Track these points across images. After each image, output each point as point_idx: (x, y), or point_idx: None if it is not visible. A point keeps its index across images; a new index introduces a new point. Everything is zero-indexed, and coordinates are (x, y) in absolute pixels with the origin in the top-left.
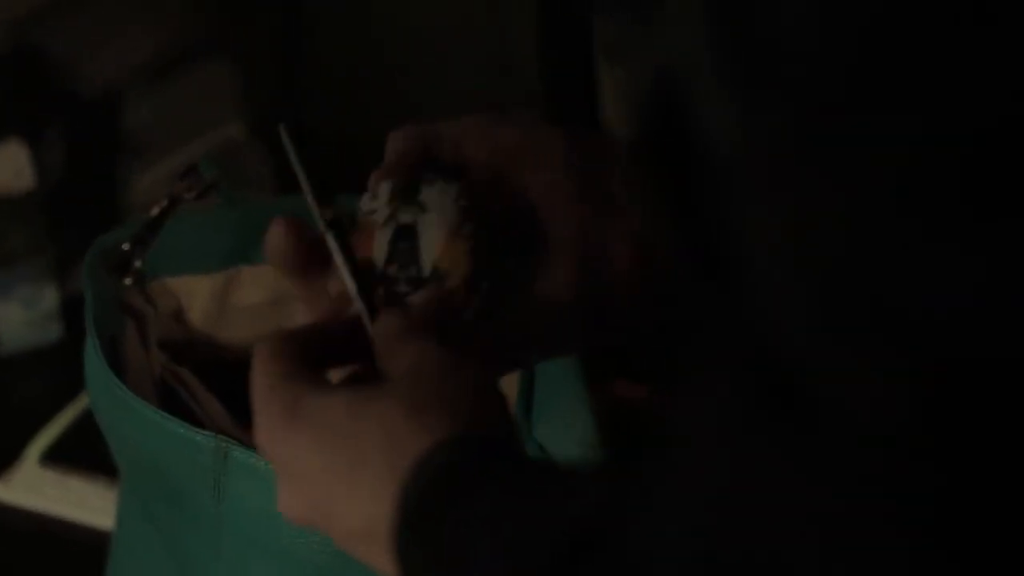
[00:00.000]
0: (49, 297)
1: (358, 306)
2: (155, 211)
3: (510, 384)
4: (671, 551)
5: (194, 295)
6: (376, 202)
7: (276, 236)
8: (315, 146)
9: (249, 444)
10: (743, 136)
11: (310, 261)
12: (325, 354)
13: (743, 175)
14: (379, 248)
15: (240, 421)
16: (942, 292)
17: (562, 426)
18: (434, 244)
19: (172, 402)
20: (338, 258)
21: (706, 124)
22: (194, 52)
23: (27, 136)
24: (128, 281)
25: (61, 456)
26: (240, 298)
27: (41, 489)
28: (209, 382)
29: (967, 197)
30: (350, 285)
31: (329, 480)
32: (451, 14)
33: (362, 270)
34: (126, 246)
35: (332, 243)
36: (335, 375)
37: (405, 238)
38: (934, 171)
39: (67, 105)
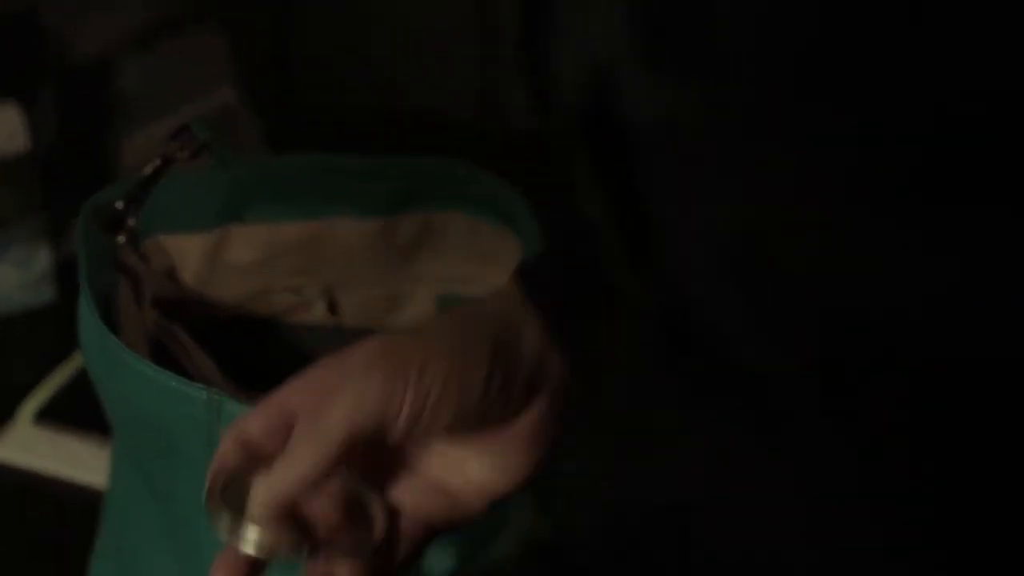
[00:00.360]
0: (43, 259)
1: None
2: (148, 170)
3: None
4: None
5: (187, 253)
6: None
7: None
8: (302, 112)
9: (239, 399)
10: (670, 121)
11: None
12: None
13: (669, 157)
14: None
15: (230, 377)
16: (888, 279)
17: None
18: None
19: (164, 359)
20: None
21: (630, 111)
22: (185, 17)
23: (20, 99)
24: (122, 239)
25: (54, 415)
26: (232, 256)
27: (35, 447)
28: (200, 339)
29: (914, 184)
30: None
31: None
32: None
33: None
34: (119, 204)
35: None
36: None
37: None
38: (879, 158)
39: (60, 68)
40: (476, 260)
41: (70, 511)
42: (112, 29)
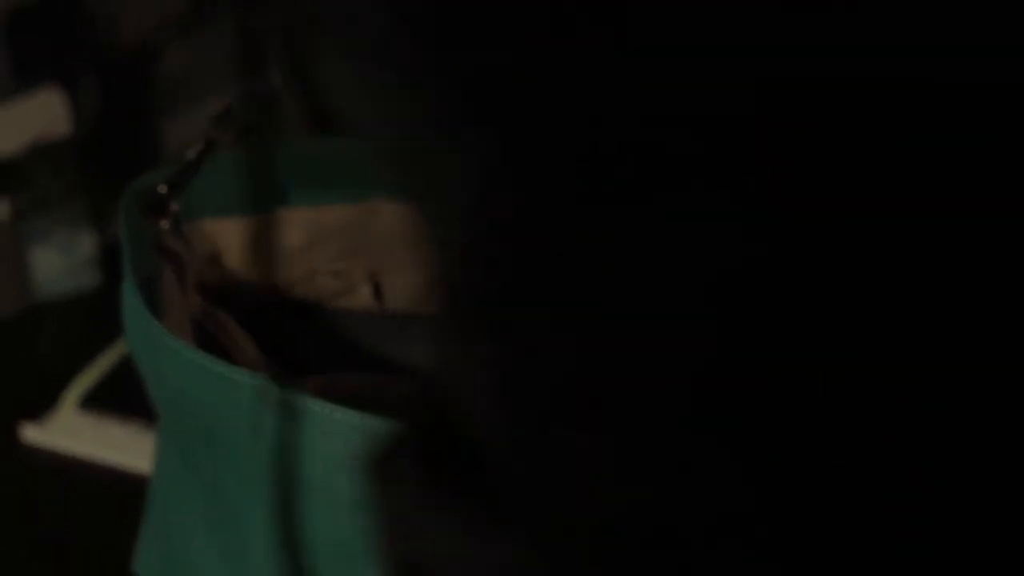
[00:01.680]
0: (87, 243)
1: None
2: (191, 154)
3: None
4: None
5: (231, 238)
6: None
7: None
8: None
9: (285, 384)
10: None
11: None
12: None
13: None
14: None
15: (275, 362)
16: None
17: None
18: None
19: (208, 345)
20: None
21: None
22: (224, 4)
23: (63, 83)
24: (164, 224)
25: (99, 401)
26: (276, 241)
27: (79, 433)
28: (245, 325)
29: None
30: None
31: None
32: None
33: None
34: (162, 189)
35: None
36: None
37: None
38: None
39: (102, 52)
40: None
41: (115, 497)
42: (153, 11)
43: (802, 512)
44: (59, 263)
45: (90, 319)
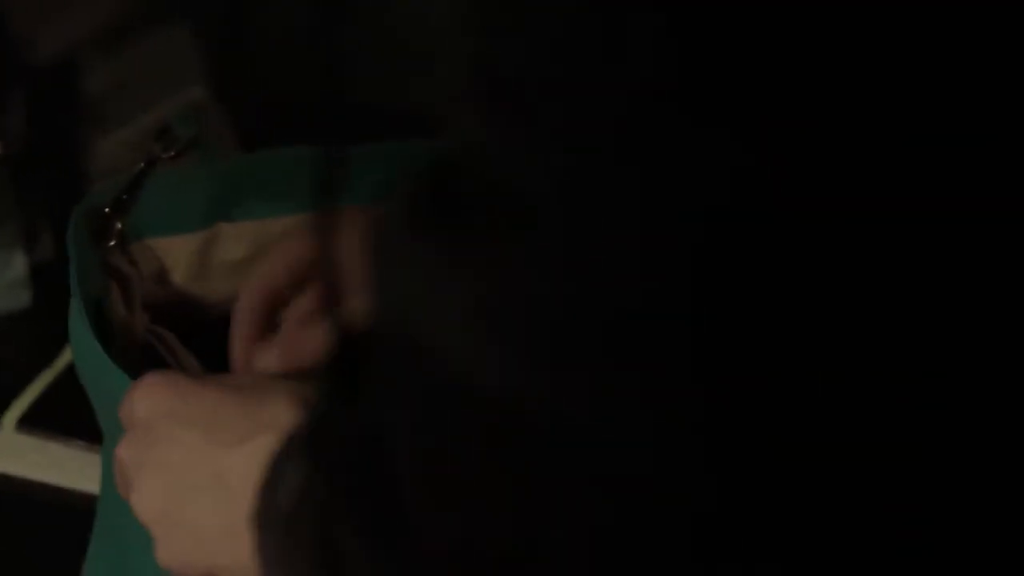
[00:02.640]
0: (18, 264)
1: None
2: (133, 172)
3: None
4: None
5: (177, 255)
6: None
7: None
8: (268, 106)
9: None
10: None
11: None
12: None
13: None
14: None
15: None
16: None
17: None
18: None
19: (157, 363)
20: None
21: None
22: (151, 16)
23: None
24: (111, 243)
25: (38, 421)
26: (221, 255)
27: (19, 454)
28: (190, 341)
29: None
30: None
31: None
32: None
33: None
34: (107, 209)
35: None
36: None
37: None
38: None
39: (26, 72)
40: None
41: (57, 517)
42: (74, 28)
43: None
44: None
45: (23, 340)
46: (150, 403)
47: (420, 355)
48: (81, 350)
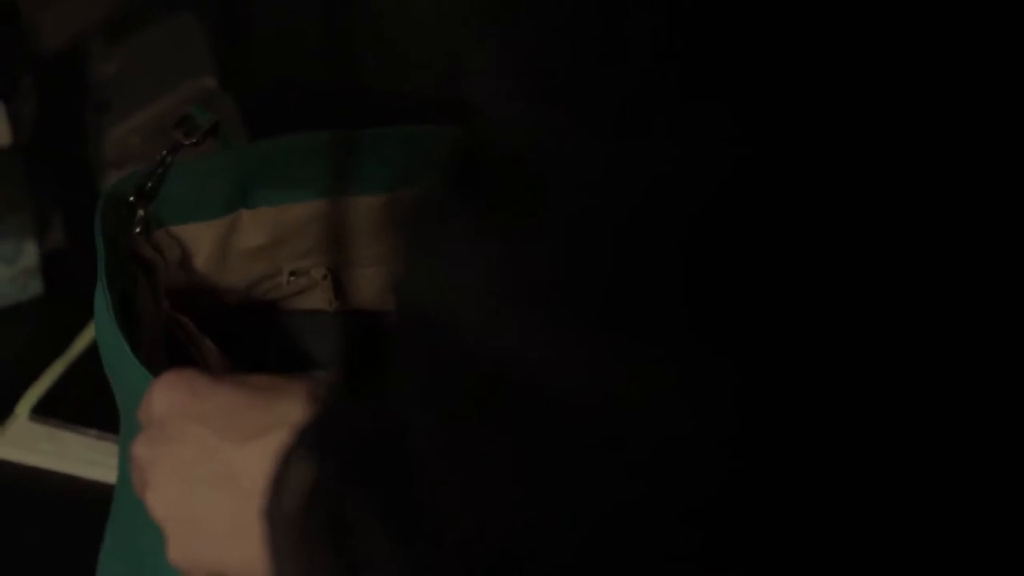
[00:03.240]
0: (29, 253)
1: None
2: (156, 160)
3: None
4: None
5: (199, 242)
6: None
7: None
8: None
9: None
10: None
11: None
12: None
13: None
14: None
15: (239, 367)
16: None
17: None
18: None
19: (178, 349)
20: None
21: None
22: (156, 5)
23: (1, 92)
24: (136, 231)
25: (51, 410)
26: (241, 242)
27: (33, 443)
28: (210, 328)
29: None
30: None
31: None
32: None
33: None
34: (132, 197)
35: None
36: None
37: None
38: None
39: (35, 62)
40: None
41: (71, 506)
42: (82, 17)
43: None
44: (3, 273)
45: (35, 329)
46: (167, 401)
47: (444, 336)
48: (104, 338)
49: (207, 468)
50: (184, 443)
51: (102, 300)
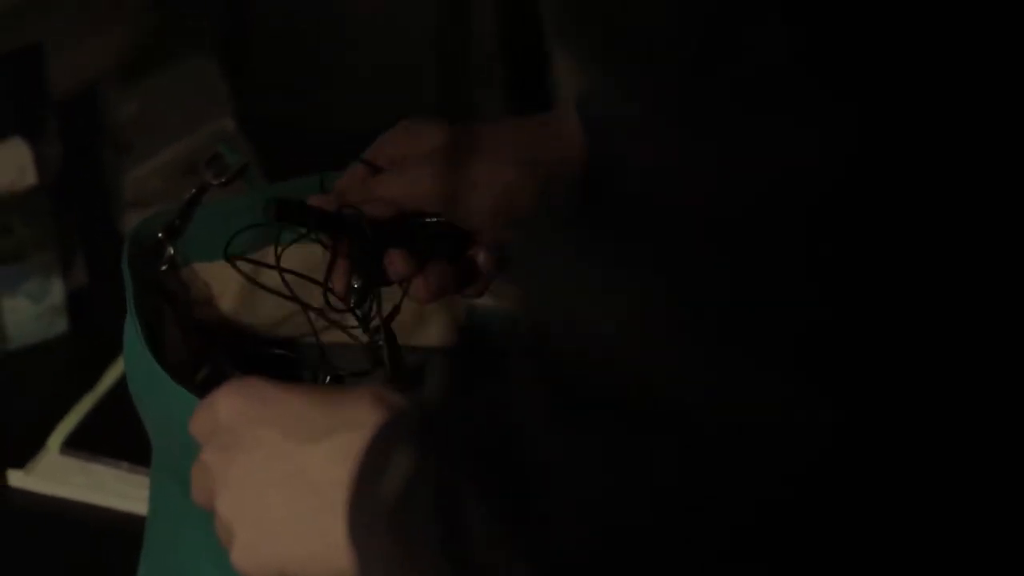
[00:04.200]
0: (55, 291)
1: None
2: (185, 199)
3: None
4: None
5: (226, 280)
6: None
7: None
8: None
9: None
10: None
11: None
12: None
13: None
14: None
15: None
16: None
17: None
18: None
19: (208, 384)
20: None
21: None
22: (177, 46)
23: (27, 133)
24: (164, 268)
25: (82, 443)
26: (269, 278)
27: (64, 476)
28: (240, 363)
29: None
30: None
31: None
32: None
33: None
34: (160, 234)
35: None
36: None
37: None
38: None
39: (58, 103)
40: None
41: (103, 537)
42: (98, 59)
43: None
44: (30, 310)
45: (62, 365)
46: (233, 409)
47: (572, 354)
48: (135, 369)
49: (279, 470)
50: (253, 447)
51: (132, 329)
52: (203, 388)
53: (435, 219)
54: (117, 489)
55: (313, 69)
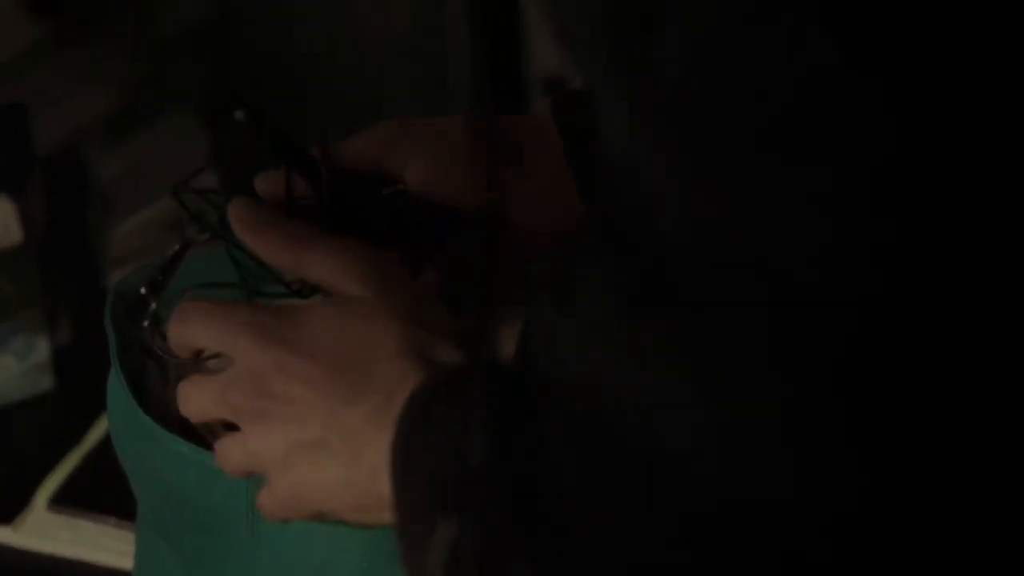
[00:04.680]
0: (41, 347)
1: None
2: (168, 255)
3: None
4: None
5: None
6: None
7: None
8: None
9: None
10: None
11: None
12: None
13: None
14: None
15: None
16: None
17: None
18: None
19: (191, 438)
20: None
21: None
22: (160, 103)
23: (11, 190)
24: (146, 323)
25: (69, 499)
26: None
27: (51, 532)
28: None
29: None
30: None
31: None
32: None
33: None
34: (143, 290)
35: None
36: None
37: None
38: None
39: (43, 159)
40: None
41: None
42: (86, 115)
43: None
44: (16, 368)
45: (49, 421)
46: (256, 350)
47: (612, 417)
48: (120, 424)
49: (312, 428)
50: (287, 402)
51: (117, 383)
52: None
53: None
54: (104, 544)
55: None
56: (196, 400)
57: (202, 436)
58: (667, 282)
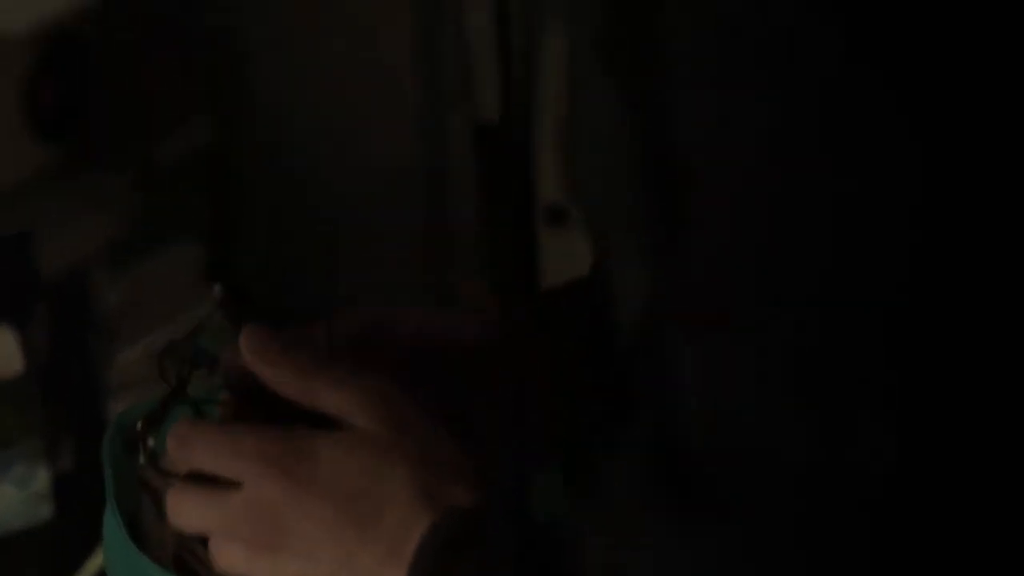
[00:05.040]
0: (41, 476)
1: None
2: (166, 392)
3: None
4: None
5: None
6: None
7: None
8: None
9: None
10: None
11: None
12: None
13: None
14: None
15: None
16: None
17: None
18: None
19: (185, 575)
20: None
21: None
22: (163, 232)
23: (14, 320)
24: (142, 459)
25: None
26: None
27: None
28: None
29: None
30: None
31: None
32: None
33: None
34: (139, 425)
35: None
36: None
37: None
38: None
39: (46, 288)
40: None
41: None
42: (89, 246)
43: None
44: (16, 496)
45: (47, 551)
46: (268, 481)
47: None
48: (116, 561)
49: (333, 567)
50: (303, 538)
51: (112, 521)
52: None
53: None
54: None
55: (299, 259)
56: (189, 514)
57: (196, 573)
58: (694, 479)
